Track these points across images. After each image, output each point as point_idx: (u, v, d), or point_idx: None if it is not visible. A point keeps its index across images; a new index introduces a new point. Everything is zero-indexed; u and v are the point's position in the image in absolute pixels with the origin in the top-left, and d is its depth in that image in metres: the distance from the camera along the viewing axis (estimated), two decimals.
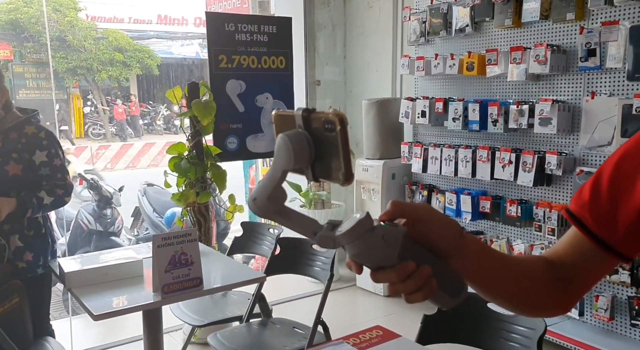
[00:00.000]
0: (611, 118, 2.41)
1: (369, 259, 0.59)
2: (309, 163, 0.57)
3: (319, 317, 2.13)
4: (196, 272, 1.84)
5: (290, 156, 0.56)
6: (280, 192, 0.58)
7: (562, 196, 2.74)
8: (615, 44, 2.35)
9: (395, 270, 0.59)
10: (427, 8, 3.30)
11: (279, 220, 0.59)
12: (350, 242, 0.57)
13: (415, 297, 0.61)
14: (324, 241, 0.59)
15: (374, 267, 0.60)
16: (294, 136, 0.56)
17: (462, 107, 3.10)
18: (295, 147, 0.55)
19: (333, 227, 0.59)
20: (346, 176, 0.55)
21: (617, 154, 0.75)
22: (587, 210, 0.75)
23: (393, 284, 0.60)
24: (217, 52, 3.16)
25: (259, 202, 0.57)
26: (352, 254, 0.59)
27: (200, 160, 2.96)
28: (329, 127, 0.54)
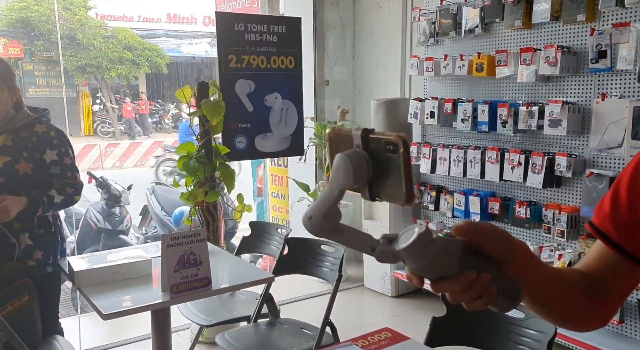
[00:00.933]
0: (621, 120, 2.39)
1: (431, 270, 0.60)
2: (366, 182, 0.58)
3: (327, 318, 2.13)
4: (205, 272, 1.84)
5: (349, 176, 0.57)
6: (335, 210, 0.58)
7: (571, 198, 2.72)
8: (626, 45, 2.33)
9: (457, 280, 0.60)
10: (437, 9, 3.29)
11: (334, 238, 0.60)
12: (411, 256, 0.58)
13: (476, 304, 0.62)
14: (384, 256, 0.59)
15: (435, 278, 0.61)
16: (353, 156, 0.57)
17: (471, 108, 3.09)
18: (355, 167, 0.56)
19: (389, 241, 0.60)
20: (407, 197, 0.55)
21: (634, 161, 0.75)
22: (608, 221, 0.76)
23: (455, 293, 0.61)
24: (227, 51, 3.17)
25: (315, 221, 0.58)
26: (413, 267, 0.60)
27: (209, 160, 2.97)
28: (391, 148, 0.55)
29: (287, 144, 3.46)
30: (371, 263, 3.82)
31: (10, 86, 2.12)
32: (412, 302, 3.62)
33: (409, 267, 0.60)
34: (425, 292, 3.61)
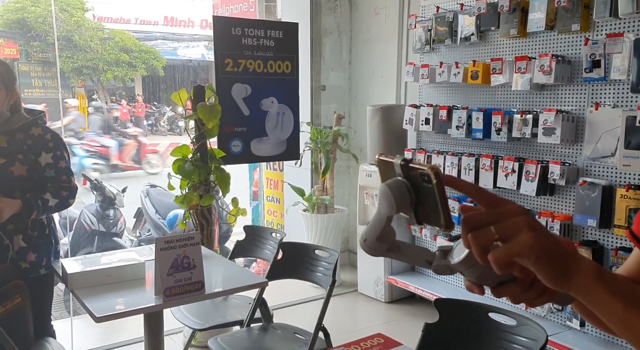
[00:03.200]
0: (615, 129, 2.41)
1: (489, 278, 0.61)
2: (410, 208, 0.60)
3: (320, 323, 2.13)
4: (198, 276, 1.84)
5: (392, 205, 0.59)
6: (388, 233, 0.61)
7: (564, 206, 2.74)
8: (619, 56, 2.35)
9: (517, 283, 0.61)
10: (433, 16, 3.31)
11: (391, 256, 0.63)
12: (467, 269, 0.60)
13: (539, 301, 0.63)
14: (441, 270, 0.62)
15: (495, 285, 0.62)
16: (394, 185, 0.59)
17: (466, 116, 3.11)
18: (396, 196, 0.59)
19: (445, 254, 0.62)
20: (447, 225, 0.57)
21: None
22: None
23: (517, 295, 0.62)
24: (224, 55, 3.18)
25: (369, 243, 0.62)
26: (472, 277, 0.62)
27: (204, 163, 2.97)
28: (426, 179, 0.57)
29: (282, 148, 3.47)
30: (365, 268, 3.82)
31: (9, 88, 2.12)
32: (405, 308, 3.63)
33: (469, 277, 0.62)
34: (419, 298, 3.61)
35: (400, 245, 0.63)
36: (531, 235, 0.54)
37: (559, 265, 0.56)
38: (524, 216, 0.56)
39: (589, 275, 0.57)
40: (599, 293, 0.57)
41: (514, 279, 0.60)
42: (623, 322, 0.58)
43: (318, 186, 4.15)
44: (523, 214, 0.56)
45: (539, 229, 0.56)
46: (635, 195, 2.37)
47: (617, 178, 2.49)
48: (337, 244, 4.06)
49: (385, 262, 3.66)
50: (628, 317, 0.57)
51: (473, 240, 0.55)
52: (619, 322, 0.58)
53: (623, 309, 0.57)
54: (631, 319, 0.57)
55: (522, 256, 0.55)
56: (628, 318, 0.57)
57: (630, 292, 0.58)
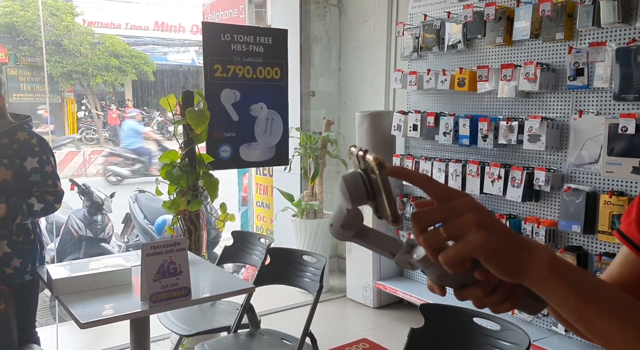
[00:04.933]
0: (598, 136, 2.45)
1: (451, 279, 0.59)
2: (368, 201, 0.58)
3: (307, 328, 2.14)
4: (185, 282, 1.84)
5: (346, 197, 0.58)
6: (351, 221, 0.59)
7: (549, 212, 2.77)
8: (602, 64, 2.40)
9: (480, 286, 0.58)
10: (421, 24, 3.35)
11: (357, 242, 0.61)
12: (427, 267, 0.58)
13: (502, 308, 0.61)
14: (402, 264, 0.60)
15: (458, 286, 0.60)
16: (349, 178, 0.58)
17: (452, 122, 3.14)
18: (350, 189, 0.57)
19: (411, 247, 0.60)
20: (393, 219, 0.55)
21: None
22: (635, 227, 0.77)
23: (480, 298, 0.60)
24: (213, 61, 3.19)
25: (335, 228, 0.60)
26: (433, 276, 0.59)
27: (193, 169, 2.97)
28: (373, 170, 0.55)
29: (271, 154, 3.48)
30: (353, 274, 3.83)
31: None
32: (393, 313, 3.63)
33: (429, 276, 0.60)
34: (407, 303, 3.62)
35: (369, 232, 0.60)
36: (481, 233, 0.53)
37: (511, 259, 0.55)
38: (473, 212, 0.54)
39: (543, 266, 0.55)
40: (553, 284, 0.55)
41: (478, 281, 0.58)
42: (577, 312, 0.56)
43: (307, 191, 4.15)
44: (473, 209, 0.54)
45: (489, 224, 0.54)
46: (618, 202, 2.41)
47: (600, 184, 2.53)
48: (326, 249, 4.07)
49: (374, 268, 3.67)
50: (581, 307, 0.56)
51: (423, 242, 0.54)
52: (572, 312, 0.57)
53: (576, 298, 0.55)
54: (584, 309, 0.56)
55: (472, 255, 0.54)
56: (581, 308, 0.56)
57: (584, 281, 0.57)
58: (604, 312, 0.56)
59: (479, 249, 0.53)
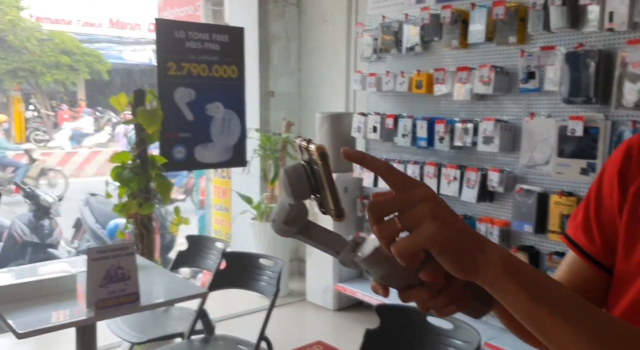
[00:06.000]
0: (549, 138, 2.52)
1: (396, 279, 0.56)
2: (312, 194, 0.54)
3: (262, 333, 2.09)
4: (133, 287, 1.76)
5: (287, 191, 0.54)
6: (294, 216, 0.56)
7: (503, 212, 2.83)
8: (552, 68, 2.46)
9: (425, 287, 0.56)
10: (379, 25, 3.36)
11: (300, 238, 0.57)
12: (371, 267, 0.55)
13: (448, 310, 0.58)
14: (347, 263, 0.57)
15: (402, 287, 0.57)
16: (291, 170, 0.54)
17: (411, 124, 3.16)
18: (292, 182, 0.53)
19: (357, 245, 0.57)
20: (336, 213, 0.52)
21: (602, 170, 0.78)
22: (581, 231, 0.77)
23: (424, 301, 0.57)
24: (166, 59, 3.09)
25: (278, 224, 0.57)
26: (377, 277, 0.56)
27: (145, 170, 2.86)
28: (316, 161, 0.52)
29: (229, 155, 3.41)
30: (313, 277, 3.80)
31: None
32: (353, 315, 3.62)
33: (373, 276, 0.57)
34: (366, 304, 3.62)
35: (313, 229, 0.57)
36: (435, 225, 0.51)
37: (464, 255, 0.52)
38: (429, 203, 0.52)
39: (497, 265, 0.53)
40: (506, 283, 0.53)
41: (423, 282, 0.56)
42: (528, 313, 0.54)
43: (267, 194, 4.10)
44: (429, 200, 0.52)
45: (444, 216, 0.52)
46: (568, 202, 2.48)
47: (551, 185, 2.60)
48: (286, 252, 4.01)
49: (334, 270, 3.65)
50: (533, 308, 0.53)
51: (378, 233, 0.52)
52: (524, 313, 0.54)
53: (528, 299, 0.53)
54: (536, 310, 0.53)
55: (425, 248, 0.51)
56: (533, 309, 0.53)
57: (538, 282, 0.55)
58: (556, 314, 0.54)
59: (432, 241, 0.51)
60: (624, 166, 0.76)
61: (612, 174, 0.77)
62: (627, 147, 0.77)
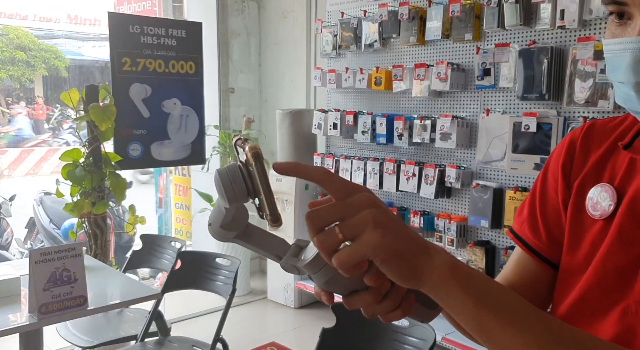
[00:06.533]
0: (504, 134, 2.56)
1: (340, 285, 0.54)
2: (249, 198, 0.51)
3: (218, 334, 2.05)
4: (80, 290, 1.69)
5: (221, 195, 0.50)
6: (232, 220, 0.52)
7: (460, 208, 2.86)
8: (507, 64, 2.50)
9: (370, 292, 0.54)
10: (338, 21, 3.35)
11: (240, 243, 0.54)
12: (314, 272, 0.53)
13: (393, 315, 0.56)
14: (289, 269, 0.54)
15: (346, 293, 0.55)
16: (225, 171, 0.51)
17: (370, 121, 3.17)
18: (225, 185, 0.50)
19: (300, 249, 0.55)
20: (272, 218, 0.49)
21: (546, 164, 0.77)
22: (527, 226, 0.77)
23: (370, 306, 0.55)
24: (121, 54, 3.00)
25: (214, 228, 0.53)
26: (320, 282, 0.54)
27: (98, 168, 2.77)
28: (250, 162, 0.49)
29: (187, 152, 3.33)
30: (274, 275, 3.76)
31: None
32: (314, 312, 3.61)
33: (316, 282, 0.55)
34: None
35: (253, 233, 0.55)
36: (377, 233, 0.49)
37: (409, 263, 0.51)
38: (370, 209, 0.50)
39: (442, 271, 0.52)
40: (452, 290, 0.52)
41: (368, 287, 0.54)
42: (475, 321, 0.53)
43: None
44: (371, 206, 0.50)
45: (387, 223, 0.50)
46: (522, 197, 2.52)
47: (506, 181, 2.65)
48: (247, 251, 3.97)
49: None
50: (480, 315, 0.52)
51: (318, 244, 0.50)
52: (471, 321, 0.53)
53: (475, 306, 0.52)
54: (483, 317, 0.52)
55: (367, 258, 0.49)
56: (480, 316, 0.52)
57: (484, 288, 0.53)
58: (503, 320, 0.52)
59: (375, 250, 0.49)
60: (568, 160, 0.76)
61: (556, 168, 0.77)
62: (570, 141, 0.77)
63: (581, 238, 0.71)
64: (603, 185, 0.70)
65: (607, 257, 0.67)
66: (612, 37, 0.64)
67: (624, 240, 0.66)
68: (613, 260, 0.66)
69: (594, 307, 0.67)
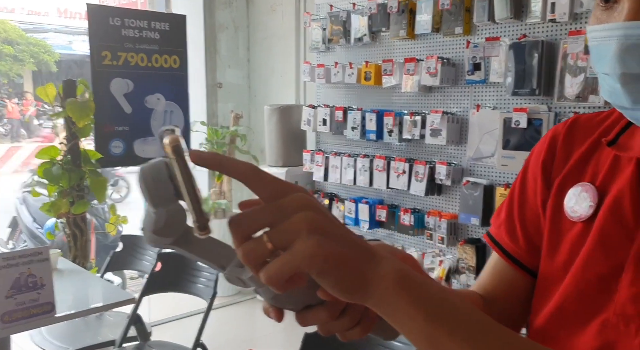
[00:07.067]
0: (494, 130, 2.49)
1: (290, 300, 0.47)
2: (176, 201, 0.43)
3: (198, 339, 1.97)
4: (47, 297, 1.61)
5: (144, 196, 0.43)
6: (166, 225, 0.44)
7: (451, 205, 2.80)
8: (497, 59, 2.43)
9: (325, 307, 0.47)
10: (327, 15, 3.26)
11: (178, 250, 0.46)
12: (260, 286, 0.45)
13: (353, 333, 0.49)
14: (233, 281, 0.46)
15: (299, 308, 0.48)
16: (148, 169, 0.43)
17: (360, 117, 3.09)
18: (148, 184, 0.43)
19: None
20: (199, 224, 0.41)
21: (526, 162, 0.72)
22: (504, 229, 0.71)
23: (326, 323, 0.48)
24: (101, 48, 2.91)
25: (147, 234, 0.46)
26: (268, 297, 0.47)
27: (77, 166, 2.68)
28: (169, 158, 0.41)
29: None
30: None
31: None
32: None
33: (263, 298, 0.47)
34: None
35: (195, 239, 0.46)
36: (312, 240, 0.41)
37: (351, 273, 0.43)
38: (305, 212, 0.42)
39: (390, 282, 0.44)
40: (400, 304, 0.44)
41: (323, 302, 0.47)
42: (427, 340, 0.45)
43: (215, 190, 3.95)
44: (306, 208, 0.43)
45: (324, 227, 0.42)
46: None
47: (496, 177, 2.58)
48: None
49: None
50: (432, 333, 0.45)
51: (243, 256, 0.42)
52: (421, 337, 0.45)
53: (426, 322, 0.44)
54: (435, 334, 0.45)
55: (301, 269, 0.42)
56: (432, 332, 0.45)
57: (438, 301, 0.46)
58: (459, 338, 0.45)
59: (309, 261, 0.41)
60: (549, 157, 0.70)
61: (536, 166, 0.71)
62: (552, 137, 0.71)
63: (559, 242, 0.65)
64: (584, 184, 0.64)
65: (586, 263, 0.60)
66: (597, 23, 0.57)
67: (605, 245, 0.60)
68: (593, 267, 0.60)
69: (572, 319, 0.61)
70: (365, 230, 3.17)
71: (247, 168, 0.44)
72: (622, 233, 0.58)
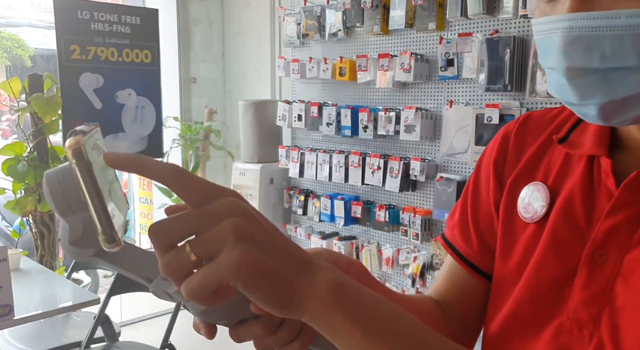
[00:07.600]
0: (467, 126, 2.49)
1: (221, 314, 0.44)
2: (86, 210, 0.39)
3: (166, 340, 1.93)
4: (5, 299, 1.55)
5: (50, 204, 0.40)
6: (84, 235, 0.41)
7: (425, 201, 2.80)
8: (470, 55, 2.43)
9: (260, 321, 0.46)
10: (302, 9, 3.23)
11: (101, 262, 0.43)
12: (186, 300, 0.42)
13: (291, 348, 0.47)
14: (160, 295, 0.44)
15: (231, 323, 0.45)
16: (54, 174, 0.40)
17: (335, 112, 3.07)
18: (53, 192, 0.40)
19: None
20: (105, 237, 0.38)
21: (479, 160, 0.70)
22: (458, 231, 0.70)
23: (261, 338, 0.46)
24: (69, 41, 2.83)
25: (64, 245, 0.43)
26: (196, 313, 0.44)
27: (44, 163, 2.61)
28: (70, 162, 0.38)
29: (143, 145, 3.18)
30: None
31: None
32: None
33: (191, 312, 0.45)
34: None
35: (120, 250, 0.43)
36: (238, 250, 0.38)
37: (281, 286, 0.40)
38: (233, 219, 0.39)
39: (323, 294, 0.42)
40: (335, 318, 0.42)
41: (257, 316, 0.45)
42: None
43: None
44: (234, 214, 0.40)
45: (253, 236, 0.40)
46: None
47: (469, 173, 2.56)
48: None
49: None
50: (369, 347, 0.42)
51: (163, 268, 0.39)
52: None
53: (364, 338, 0.42)
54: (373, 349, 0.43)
55: (226, 282, 0.39)
56: (370, 349, 0.43)
57: (377, 315, 0.44)
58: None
59: (234, 273, 0.38)
60: (500, 156, 0.68)
61: (488, 166, 0.69)
62: (504, 135, 0.69)
63: (513, 244, 0.63)
64: (536, 184, 0.62)
65: (540, 266, 0.59)
66: (542, 16, 0.56)
67: (557, 247, 0.58)
68: (546, 270, 0.58)
69: (527, 324, 0.59)
70: (341, 227, 3.15)
71: (169, 170, 0.41)
72: (574, 234, 0.57)
